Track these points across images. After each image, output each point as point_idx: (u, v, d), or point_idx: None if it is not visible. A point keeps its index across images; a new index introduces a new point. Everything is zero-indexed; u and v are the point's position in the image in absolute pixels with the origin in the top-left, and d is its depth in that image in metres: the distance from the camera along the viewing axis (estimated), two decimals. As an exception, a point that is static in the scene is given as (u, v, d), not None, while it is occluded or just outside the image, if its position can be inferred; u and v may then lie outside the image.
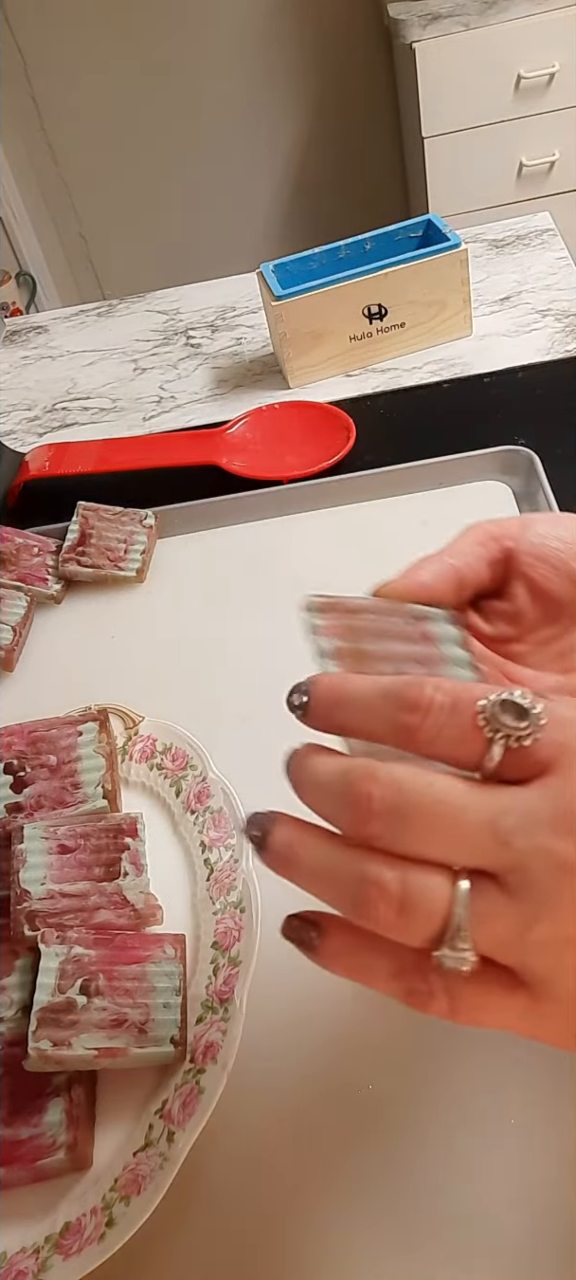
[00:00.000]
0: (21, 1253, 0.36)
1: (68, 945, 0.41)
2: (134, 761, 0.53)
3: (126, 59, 2.23)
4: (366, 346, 0.86)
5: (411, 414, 0.81)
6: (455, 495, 0.68)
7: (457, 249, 0.82)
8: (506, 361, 0.83)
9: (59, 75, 2.25)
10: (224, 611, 0.64)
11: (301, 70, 2.27)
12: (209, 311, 1.05)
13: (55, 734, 0.51)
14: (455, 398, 0.81)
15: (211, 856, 0.48)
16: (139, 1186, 0.37)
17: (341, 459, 0.75)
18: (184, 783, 0.51)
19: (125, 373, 0.98)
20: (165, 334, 1.03)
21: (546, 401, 0.77)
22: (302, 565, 0.66)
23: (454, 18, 1.74)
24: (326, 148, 2.39)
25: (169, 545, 0.70)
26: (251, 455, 0.78)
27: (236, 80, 2.28)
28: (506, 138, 1.89)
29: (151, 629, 0.64)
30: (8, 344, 1.09)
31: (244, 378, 0.92)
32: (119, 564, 0.67)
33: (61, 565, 0.67)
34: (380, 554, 0.65)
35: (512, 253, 1.00)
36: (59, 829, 0.46)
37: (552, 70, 1.80)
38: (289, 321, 0.83)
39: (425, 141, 1.89)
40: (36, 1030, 0.38)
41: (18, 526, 0.70)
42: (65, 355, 1.04)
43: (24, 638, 0.64)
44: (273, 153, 2.40)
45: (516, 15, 1.74)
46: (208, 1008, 0.42)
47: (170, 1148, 0.37)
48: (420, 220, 0.88)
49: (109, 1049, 0.38)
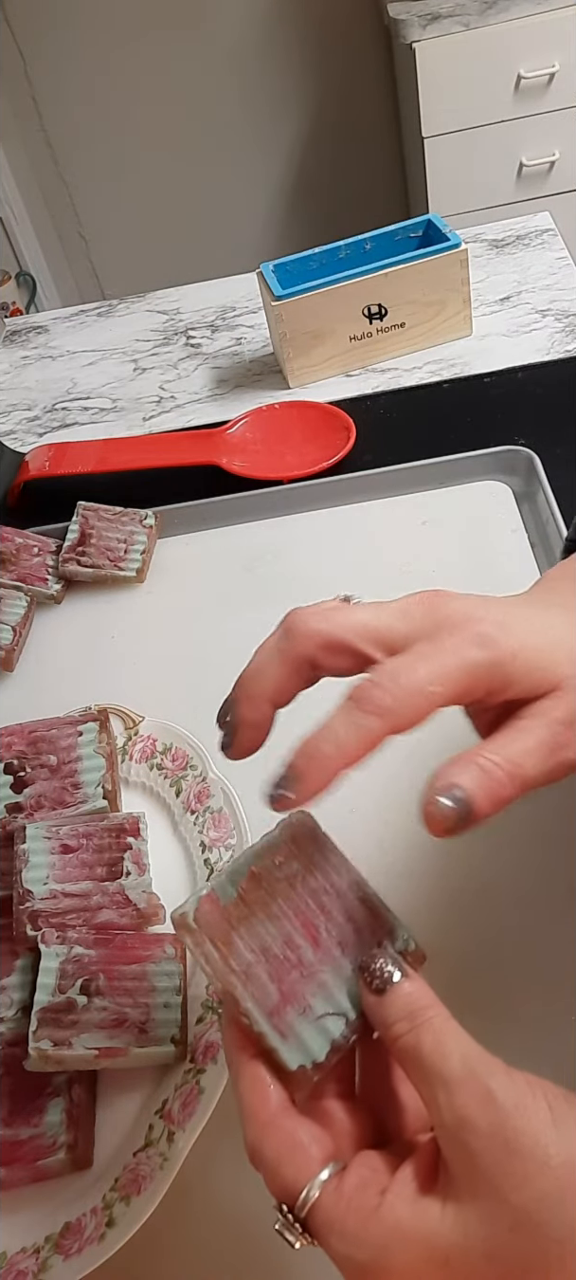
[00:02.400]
0: (21, 1253, 0.36)
1: (68, 945, 0.41)
2: (134, 761, 0.53)
3: (126, 59, 2.22)
4: (366, 346, 0.86)
5: (411, 414, 0.81)
6: (455, 495, 0.68)
7: (457, 249, 0.82)
8: (506, 361, 0.83)
9: (59, 75, 2.25)
10: (224, 611, 0.64)
11: (301, 70, 2.27)
12: (209, 311, 1.05)
13: (55, 734, 0.51)
14: (455, 398, 0.81)
15: (211, 856, 0.48)
16: (139, 1186, 0.37)
17: (341, 459, 0.75)
18: (184, 783, 0.51)
19: (125, 373, 0.98)
20: (165, 334, 1.03)
21: (546, 401, 0.77)
22: (303, 565, 0.66)
23: (454, 18, 1.74)
24: (326, 148, 2.39)
25: (169, 545, 0.70)
26: (251, 455, 0.78)
27: (236, 80, 2.28)
28: (506, 138, 1.89)
29: (151, 629, 0.64)
30: (8, 344, 1.09)
31: (244, 378, 0.92)
32: (119, 564, 0.67)
33: (61, 565, 0.67)
34: (380, 554, 0.66)
35: (512, 253, 1.00)
36: (61, 829, 0.46)
37: (552, 70, 1.80)
38: (289, 321, 0.83)
39: (425, 141, 1.89)
40: (37, 1030, 0.38)
41: (18, 526, 0.70)
42: (65, 355, 1.04)
43: (24, 638, 0.64)
44: (273, 153, 2.40)
45: (516, 15, 1.74)
46: (208, 1008, 0.42)
47: (170, 1148, 0.37)
48: (420, 220, 0.88)
49: (109, 1049, 0.38)
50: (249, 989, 0.28)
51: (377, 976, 0.27)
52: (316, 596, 0.66)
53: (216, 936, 0.28)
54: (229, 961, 0.28)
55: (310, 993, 0.28)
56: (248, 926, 0.29)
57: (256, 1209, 0.37)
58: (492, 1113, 0.23)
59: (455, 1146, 0.24)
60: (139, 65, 2.24)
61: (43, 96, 2.29)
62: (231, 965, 0.28)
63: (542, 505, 0.64)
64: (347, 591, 0.32)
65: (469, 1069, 0.24)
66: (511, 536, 0.64)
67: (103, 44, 2.20)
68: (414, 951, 0.29)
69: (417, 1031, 0.25)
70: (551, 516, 0.62)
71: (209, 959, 0.28)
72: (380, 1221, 0.24)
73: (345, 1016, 0.28)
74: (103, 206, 2.47)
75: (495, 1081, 0.24)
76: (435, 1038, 0.25)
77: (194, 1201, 0.38)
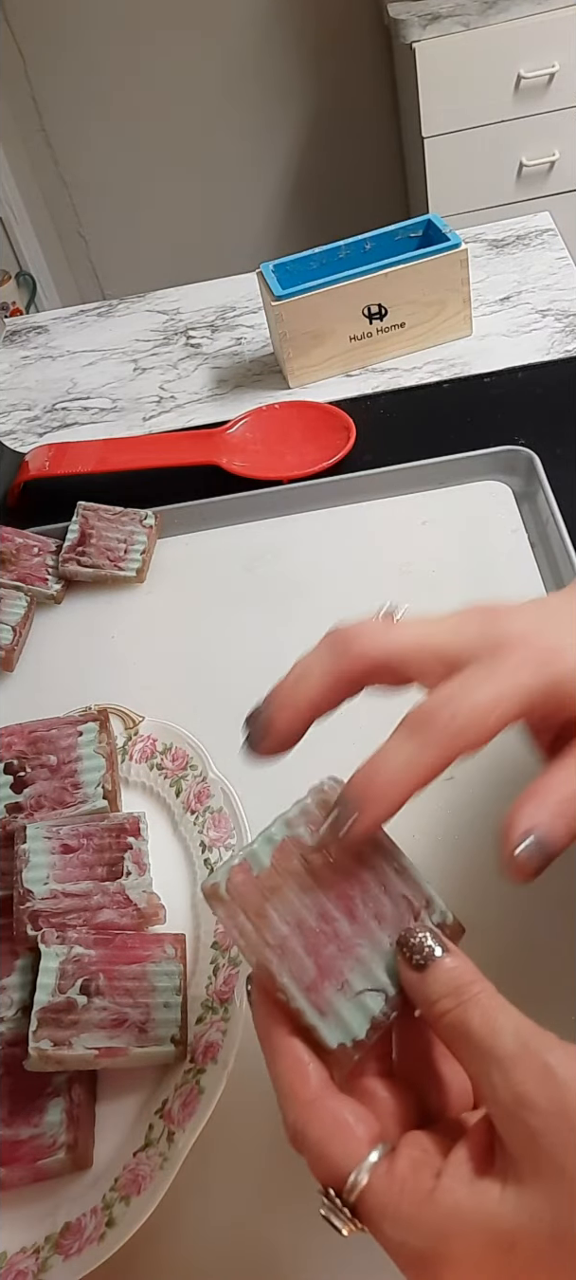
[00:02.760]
0: (21, 1253, 0.36)
1: (68, 945, 0.41)
2: (134, 761, 0.53)
3: (126, 59, 2.23)
4: (366, 346, 0.86)
5: (411, 414, 0.81)
6: (455, 495, 0.68)
7: (457, 249, 0.82)
8: (506, 361, 0.83)
9: (59, 75, 2.25)
10: (224, 611, 0.64)
11: (301, 70, 2.27)
12: (209, 311, 1.05)
13: (55, 734, 0.51)
14: (455, 398, 0.81)
15: (211, 856, 0.48)
16: (139, 1186, 0.37)
17: (341, 459, 0.75)
18: (184, 783, 0.51)
19: (125, 373, 0.98)
20: (165, 334, 1.03)
21: (546, 401, 0.77)
22: (303, 565, 0.66)
23: (454, 18, 1.74)
24: (326, 148, 2.39)
25: (169, 545, 0.70)
26: (251, 455, 0.78)
27: (236, 80, 2.28)
28: (506, 138, 1.89)
29: (151, 629, 0.64)
30: (8, 344, 1.09)
31: (244, 378, 0.92)
32: (119, 564, 0.67)
33: (61, 565, 0.67)
34: (380, 554, 0.66)
35: (512, 253, 1.00)
36: (61, 829, 0.46)
37: (552, 70, 1.80)
38: (289, 321, 0.83)
39: (425, 141, 1.89)
40: (37, 1030, 0.38)
41: (18, 526, 0.70)
42: (65, 355, 1.04)
43: (24, 638, 0.64)
44: (273, 152, 2.40)
45: (516, 15, 1.74)
46: (208, 1008, 0.42)
47: (170, 1148, 0.37)
48: (420, 220, 0.88)
49: (109, 1049, 0.38)
50: (285, 963, 0.26)
51: (418, 952, 0.26)
52: (316, 596, 0.66)
53: (250, 908, 0.27)
54: (264, 934, 0.27)
55: (348, 968, 0.27)
56: (281, 898, 0.27)
57: (257, 1209, 0.37)
58: (552, 1088, 0.22)
59: (513, 1125, 0.22)
60: (139, 65, 2.24)
61: (43, 96, 2.29)
62: (266, 938, 0.27)
63: (542, 505, 0.64)
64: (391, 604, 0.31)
65: (523, 1044, 0.23)
66: (511, 536, 0.64)
67: (103, 44, 2.21)
68: (451, 924, 0.28)
69: (465, 1007, 0.24)
70: (551, 516, 0.62)
71: (243, 932, 0.27)
72: (437, 1206, 0.23)
73: (384, 992, 0.27)
74: (103, 206, 2.47)
75: (553, 1056, 0.23)
76: (484, 1013, 0.24)
77: (193, 1202, 0.38)
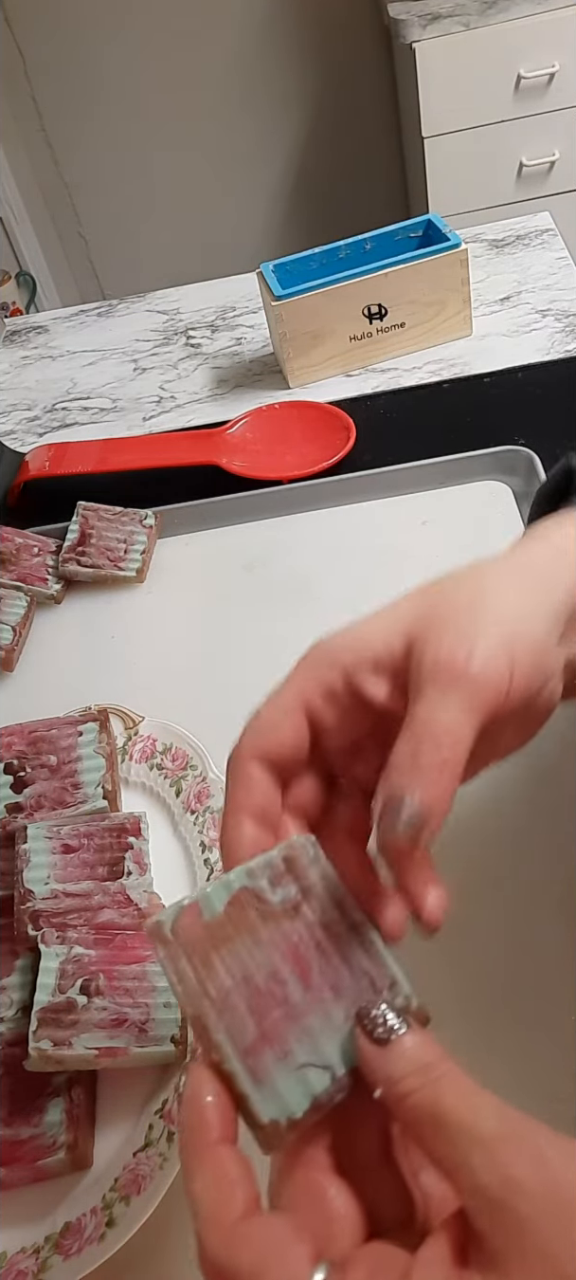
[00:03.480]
0: (21, 1253, 0.36)
1: (68, 945, 0.41)
2: (134, 761, 0.53)
3: (126, 59, 2.22)
4: (366, 346, 0.86)
5: (411, 414, 0.81)
6: (455, 495, 0.68)
7: (457, 249, 0.82)
8: (506, 361, 0.83)
9: (59, 75, 2.25)
10: (224, 611, 0.64)
11: (301, 70, 2.27)
12: (209, 311, 1.05)
13: (55, 734, 0.51)
14: (455, 398, 0.81)
15: (211, 856, 0.48)
16: (139, 1186, 0.37)
17: (341, 459, 0.75)
18: (184, 783, 0.51)
19: (125, 373, 0.98)
20: (165, 334, 1.03)
21: (546, 401, 0.77)
22: (303, 565, 0.66)
23: (454, 18, 1.74)
24: (326, 148, 2.39)
25: (169, 545, 0.70)
26: (251, 455, 0.78)
27: (236, 80, 2.28)
28: (506, 138, 1.89)
29: (151, 629, 0.64)
30: (8, 344, 1.09)
31: (244, 378, 0.92)
32: (119, 564, 0.67)
33: (61, 565, 0.67)
34: (380, 554, 0.66)
35: (512, 253, 1.00)
36: (62, 829, 0.46)
37: (552, 70, 1.80)
38: (289, 321, 0.83)
39: (425, 141, 1.89)
40: (37, 1030, 0.38)
41: (18, 526, 0.70)
42: (65, 355, 1.04)
43: (24, 638, 0.64)
44: (273, 152, 2.40)
45: (516, 15, 1.74)
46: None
47: (170, 1148, 0.37)
48: (420, 220, 0.88)
49: (109, 1049, 0.38)
50: (224, 1019, 0.24)
51: (380, 1025, 0.23)
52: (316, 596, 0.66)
53: (195, 954, 0.25)
54: (205, 984, 0.24)
55: (293, 1037, 0.24)
56: (230, 949, 0.25)
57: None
58: (545, 1171, 0.20)
59: (497, 1213, 0.20)
60: (139, 65, 2.24)
61: (43, 96, 2.29)
62: (207, 989, 0.24)
63: (542, 505, 0.64)
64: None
65: (509, 1125, 0.21)
66: (511, 537, 0.64)
67: (103, 44, 2.20)
68: (416, 1010, 0.25)
69: (436, 1086, 0.22)
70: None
71: (182, 978, 0.25)
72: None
73: (331, 1071, 0.24)
74: (103, 206, 2.47)
75: (543, 1138, 0.20)
76: (459, 1092, 0.21)
77: (194, 1201, 0.38)
